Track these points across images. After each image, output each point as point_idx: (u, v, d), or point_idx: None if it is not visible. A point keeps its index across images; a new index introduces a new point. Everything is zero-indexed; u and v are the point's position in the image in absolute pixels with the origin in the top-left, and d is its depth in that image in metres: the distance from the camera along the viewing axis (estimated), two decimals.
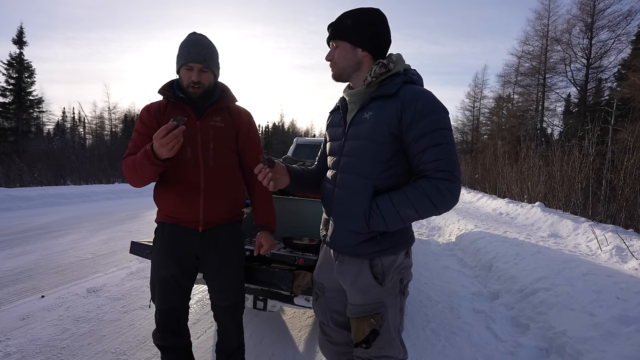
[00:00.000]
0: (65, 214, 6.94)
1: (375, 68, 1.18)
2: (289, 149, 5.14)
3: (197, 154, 1.47)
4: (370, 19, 1.21)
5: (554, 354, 2.26)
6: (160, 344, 1.58)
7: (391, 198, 1.12)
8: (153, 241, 1.59)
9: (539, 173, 9.08)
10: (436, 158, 1.07)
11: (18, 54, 21.10)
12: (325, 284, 1.40)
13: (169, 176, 1.48)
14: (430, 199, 1.06)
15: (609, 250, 4.30)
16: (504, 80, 26.81)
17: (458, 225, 6.77)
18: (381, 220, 1.12)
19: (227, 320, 1.67)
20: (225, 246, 1.59)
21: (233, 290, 1.65)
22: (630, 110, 12.22)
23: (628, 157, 6.45)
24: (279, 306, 2.06)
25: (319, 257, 1.47)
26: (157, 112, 1.49)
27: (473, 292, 3.48)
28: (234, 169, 1.60)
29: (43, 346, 2.21)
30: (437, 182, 1.06)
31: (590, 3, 17.52)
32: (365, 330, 1.20)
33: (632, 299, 2.75)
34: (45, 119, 26.91)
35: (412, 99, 1.11)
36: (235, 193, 1.60)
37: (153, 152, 1.24)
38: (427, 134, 1.08)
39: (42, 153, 16.69)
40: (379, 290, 1.20)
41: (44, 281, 3.31)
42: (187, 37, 1.48)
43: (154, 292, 1.56)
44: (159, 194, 1.53)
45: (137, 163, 1.32)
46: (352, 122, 1.23)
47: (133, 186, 1.44)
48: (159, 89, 1.51)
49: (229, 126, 1.56)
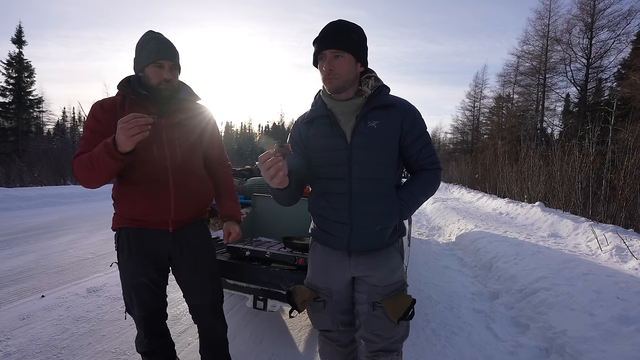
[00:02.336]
0: (65, 214, 6.94)
1: (371, 82, 1.31)
2: None
3: (164, 152, 1.43)
4: (363, 34, 1.30)
5: (554, 353, 2.26)
6: (148, 350, 1.57)
7: (410, 190, 1.33)
8: (116, 248, 1.52)
9: (539, 173, 9.07)
10: (430, 154, 1.35)
11: (17, 54, 21.11)
12: (332, 288, 1.39)
13: (134, 176, 1.41)
14: (433, 185, 1.36)
15: (609, 250, 4.30)
16: (504, 80, 26.82)
17: (458, 225, 6.77)
18: (408, 210, 1.33)
19: (212, 317, 1.66)
20: (198, 244, 1.58)
21: (213, 288, 1.63)
22: (630, 110, 12.24)
23: (628, 157, 6.45)
24: (279, 306, 2.06)
25: (315, 264, 1.42)
26: (113, 108, 1.41)
27: (473, 292, 3.49)
28: (200, 166, 1.60)
29: (43, 346, 2.21)
30: (435, 172, 1.36)
31: (590, 3, 17.53)
32: (405, 302, 1.31)
33: (632, 299, 2.75)
34: (45, 119, 26.93)
35: (407, 108, 1.32)
36: (204, 190, 1.60)
37: (114, 145, 1.18)
38: (421, 136, 1.33)
39: (42, 153, 16.69)
40: (402, 267, 1.40)
41: (44, 281, 3.31)
42: (149, 35, 1.43)
43: (130, 301, 1.51)
44: (122, 196, 1.45)
45: (93, 158, 1.24)
46: (356, 132, 1.27)
47: (86, 187, 1.35)
48: (118, 85, 1.45)
49: (194, 124, 1.55)
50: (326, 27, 1.24)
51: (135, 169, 1.39)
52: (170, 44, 1.44)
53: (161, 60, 1.39)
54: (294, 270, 1.90)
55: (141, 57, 1.41)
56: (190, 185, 1.51)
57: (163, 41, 1.42)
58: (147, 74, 1.42)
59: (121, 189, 1.45)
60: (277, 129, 50.25)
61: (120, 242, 1.49)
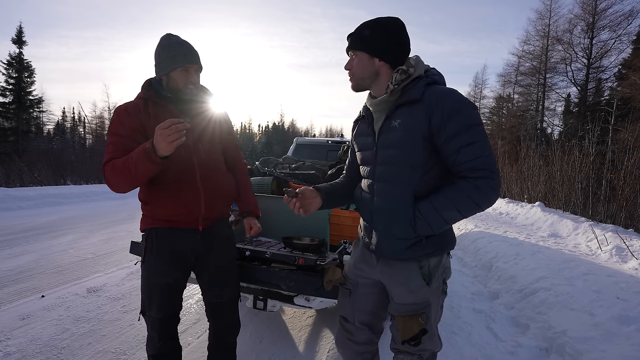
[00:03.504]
0: (65, 214, 6.94)
1: (396, 75, 1.18)
2: (289, 149, 5.13)
3: (190, 151, 1.48)
4: (387, 28, 1.21)
5: (554, 353, 2.26)
6: (159, 352, 1.57)
7: (432, 202, 1.13)
8: (145, 249, 1.52)
9: (539, 173, 9.08)
10: (471, 157, 1.08)
11: (18, 54, 21.11)
12: (359, 281, 1.42)
13: (164, 177, 1.43)
14: (471, 199, 1.08)
15: (609, 250, 4.30)
16: (504, 80, 26.80)
17: (458, 225, 6.77)
18: (426, 225, 1.15)
19: (228, 314, 1.68)
20: (223, 241, 1.63)
21: (233, 284, 1.68)
22: (630, 110, 12.24)
23: (628, 157, 6.45)
24: (279, 306, 2.06)
25: (353, 254, 1.49)
26: (137, 112, 1.43)
27: (473, 292, 3.48)
28: (222, 163, 1.65)
29: (43, 346, 2.21)
30: (475, 180, 1.08)
31: (592, 3, 17.54)
32: (414, 328, 1.25)
33: (632, 299, 2.75)
34: (45, 119, 26.96)
35: (438, 100, 1.11)
36: (228, 186, 1.65)
37: (154, 149, 1.21)
38: (459, 133, 1.08)
39: (42, 153, 16.72)
40: (427, 290, 1.24)
41: (44, 281, 3.31)
42: (170, 39, 1.46)
43: (151, 302, 1.51)
44: (152, 197, 1.47)
45: (130, 164, 1.26)
46: (382, 131, 1.24)
47: (117, 191, 1.37)
48: (142, 91, 1.49)
49: (212, 122, 1.59)
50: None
51: (164, 171, 1.42)
52: (193, 47, 1.49)
53: (188, 64, 1.44)
54: (294, 270, 1.89)
55: (166, 61, 1.44)
56: (217, 181, 1.56)
57: (187, 45, 1.47)
58: (174, 78, 1.45)
59: (151, 191, 1.47)
60: (277, 129, 50.24)
61: (148, 242, 1.50)
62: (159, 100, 1.46)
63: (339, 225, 2.43)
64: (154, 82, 1.50)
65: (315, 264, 1.84)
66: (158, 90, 1.47)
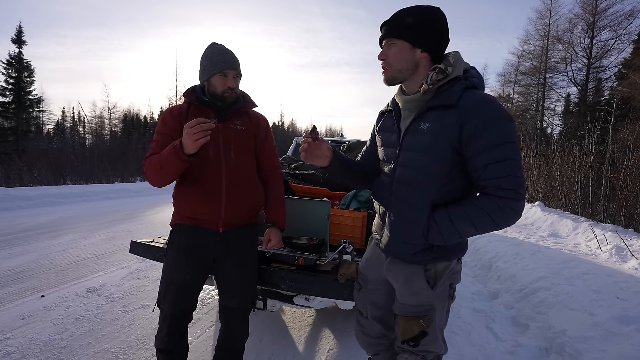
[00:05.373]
0: (65, 214, 6.94)
1: (432, 75, 1.10)
2: (289, 148, 5.12)
3: (220, 154, 1.52)
4: (431, 17, 1.14)
5: (554, 353, 2.26)
6: (166, 348, 1.57)
7: (449, 214, 1.08)
8: (167, 244, 1.60)
9: (539, 173, 9.08)
10: (499, 176, 1.01)
11: (17, 54, 21.10)
12: (370, 277, 1.43)
13: (192, 176, 1.51)
14: (491, 217, 1.04)
15: (609, 250, 4.30)
16: (505, 80, 26.75)
17: None
18: (439, 236, 1.11)
19: (237, 323, 1.68)
20: (244, 248, 1.62)
21: (248, 294, 1.67)
22: (630, 110, 12.24)
23: (628, 157, 6.45)
24: (279, 306, 2.06)
25: (367, 251, 1.50)
26: (180, 115, 1.55)
27: (473, 292, 3.48)
28: (253, 171, 1.66)
29: (43, 346, 2.21)
30: (498, 200, 1.02)
31: (592, 3, 17.53)
32: (414, 330, 1.23)
33: (632, 299, 2.75)
34: (45, 119, 26.92)
35: (475, 109, 1.04)
36: (254, 194, 1.65)
37: (182, 146, 1.29)
38: (491, 148, 1.02)
39: (42, 153, 16.70)
40: (430, 293, 1.21)
41: (44, 281, 3.31)
42: (214, 48, 1.54)
43: (166, 295, 1.54)
44: (180, 194, 1.56)
45: (163, 160, 1.37)
46: (408, 132, 1.17)
47: (154, 185, 1.49)
48: (184, 93, 1.59)
49: (249, 130, 1.62)
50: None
51: (193, 170, 1.49)
52: (233, 54, 1.55)
53: (227, 70, 1.50)
54: (294, 270, 1.89)
55: (207, 68, 1.52)
56: (242, 188, 1.57)
57: (227, 52, 1.53)
58: (214, 83, 1.52)
59: (180, 189, 1.55)
60: (277, 128, 50.27)
61: (172, 237, 1.57)
62: (199, 104, 1.55)
63: (339, 225, 2.42)
64: (197, 88, 1.59)
65: (315, 264, 1.84)
66: (199, 95, 1.56)
